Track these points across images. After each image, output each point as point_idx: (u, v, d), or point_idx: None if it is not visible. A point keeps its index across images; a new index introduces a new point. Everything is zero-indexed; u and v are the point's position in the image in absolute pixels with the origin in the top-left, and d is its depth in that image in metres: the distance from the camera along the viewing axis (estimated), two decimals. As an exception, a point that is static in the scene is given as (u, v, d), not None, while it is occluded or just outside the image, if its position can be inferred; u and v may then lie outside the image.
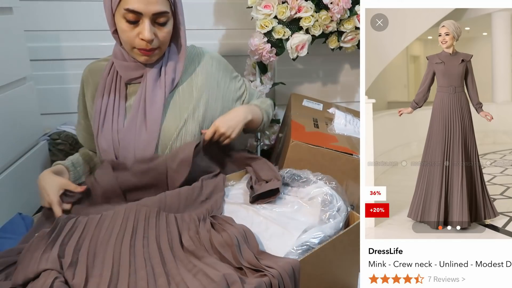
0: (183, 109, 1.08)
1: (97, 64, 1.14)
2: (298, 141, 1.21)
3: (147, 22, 0.95)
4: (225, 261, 0.76)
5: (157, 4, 0.94)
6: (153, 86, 1.05)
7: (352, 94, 1.90)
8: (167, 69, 1.06)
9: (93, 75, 1.12)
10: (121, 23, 0.97)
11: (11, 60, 1.27)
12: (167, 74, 1.06)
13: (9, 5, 1.26)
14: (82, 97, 1.16)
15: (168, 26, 1.00)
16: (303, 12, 1.40)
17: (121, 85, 1.08)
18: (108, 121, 1.06)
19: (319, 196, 0.95)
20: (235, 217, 0.94)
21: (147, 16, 0.94)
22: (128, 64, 1.05)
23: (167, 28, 0.99)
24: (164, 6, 0.96)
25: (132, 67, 1.05)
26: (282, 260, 0.76)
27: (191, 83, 1.12)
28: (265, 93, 1.58)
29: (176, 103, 1.09)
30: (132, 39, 0.98)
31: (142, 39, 0.96)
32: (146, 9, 0.93)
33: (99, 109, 1.07)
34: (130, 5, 0.93)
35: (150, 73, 1.05)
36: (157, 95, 1.05)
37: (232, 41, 1.75)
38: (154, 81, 1.05)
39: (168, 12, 0.97)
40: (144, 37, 0.95)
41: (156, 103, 1.04)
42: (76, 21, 1.59)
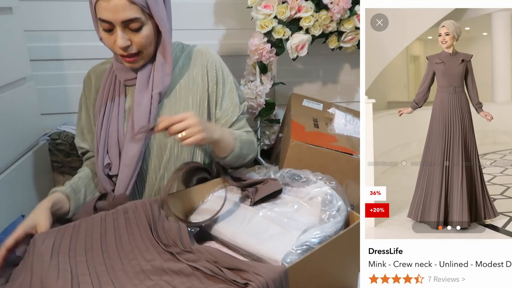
0: (178, 112, 1.05)
1: (99, 67, 1.15)
2: (298, 141, 1.21)
3: (119, 30, 0.95)
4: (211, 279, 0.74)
5: (125, 11, 0.93)
6: (140, 88, 1.04)
7: (352, 94, 1.90)
8: (156, 74, 1.05)
9: (96, 78, 1.13)
10: (100, 32, 0.98)
11: (11, 60, 1.27)
12: (156, 80, 1.04)
13: (9, 5, 1.26)
14: (83, 98, 1.17)
15: (144, 31, 0.97)
16: (303, 12, 1.40)
17: (120, 86, 1.08)
18: (106, 123, 1.07)
19: (319, 196, 0.95)
20: (235, 217, 0.94)
21: (117, 24, 0.94)
22: (122, 66, 1.06)
23: (143, 33, 0.97)
24: (134, 13, 0.94)
25: (125, 69, 1.06)
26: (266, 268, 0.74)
27: (187, 87, 1.10)
28: (265, 93, 1.58)
29: (172, 107, 1.07)
30: (111, 46, 0.99)
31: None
32: (114, 17, 0.93)
33: (99, 110, 1.08)
34: (100, 14, 0.94)
35: (139, 75, 1.05)
36: (144, 98, 1.04)
37: (232, 41, 1.75)
38: (143, 83, 1.05)
39: (139, 17, 0.95)
40: (117, 45, 0.96)
41: (142, 105, 1.03)
42: (76, 21, 1.59)
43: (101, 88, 1.09)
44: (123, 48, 0.96)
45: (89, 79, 1.15)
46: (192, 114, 0.93)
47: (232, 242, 0.88)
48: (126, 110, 1.08)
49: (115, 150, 1.05)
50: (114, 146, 1.05)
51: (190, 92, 1.09)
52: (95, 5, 0.94)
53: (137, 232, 0.86)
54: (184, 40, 1.17)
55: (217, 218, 0.95)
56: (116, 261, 0.79)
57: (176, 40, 1.14)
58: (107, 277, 0.75)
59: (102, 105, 1.08)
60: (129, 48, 0.98)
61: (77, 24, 1.59)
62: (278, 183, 1.01)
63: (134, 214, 0.89)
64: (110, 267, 0.78)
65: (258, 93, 1.55)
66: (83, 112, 1.17)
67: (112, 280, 0.74)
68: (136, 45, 0.98)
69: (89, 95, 1.14)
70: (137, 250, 0.82)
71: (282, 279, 0.72)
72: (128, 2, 0.92)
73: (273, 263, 0.79)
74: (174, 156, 1.08)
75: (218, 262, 0.76)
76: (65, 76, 1.66)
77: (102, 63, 1.17)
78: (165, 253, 0.81)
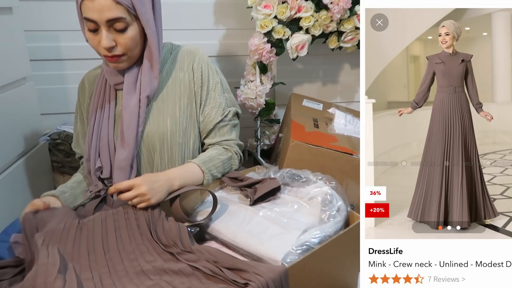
0: (166, 115, 1.06)
1: (92, 72, 1.16)
2: (298, 141, 1.21)
3: (104, 29, 0.94)
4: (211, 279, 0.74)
5: (110, 11, 0.93)
6: (128, 91, 1.04)
7: (352, 94, 1.90)
8: (143, 77, 1.04)
9: (90, 83, 1.14)
10: (85, 33, 0.98)
11: (11, 60, 1.27)
12: (143, 82, 1.04)
13: (9, 5, 1.26)
14: (78, 102, 1.17)
15: (130, 31, 0.97)
16: (303, 12, 1.40)
17: (111, 89, 1.08)
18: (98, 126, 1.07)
19: (319, 196, 0.95)
20: (234, 217, 0.94)
21: (102, 24, 0.94)
22: (111, 69, 1.05)
23: (128, 34, 0.97)
24: (119, 12, 0.94)
25: (114, 72, 1.05)
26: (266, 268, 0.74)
27: (175, 90, 1.09)
28: (265, 93, 1.58)
29: (159, 109, 1.07)
30: (96, 47, 0.98)
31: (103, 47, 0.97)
32: (99, 16, 0.93)
33: (91, 113, 1.08)
34: (85, 14, 0.94)
35: (126, 78, 1.05)
36: (131, 101, 1.04)
37: (232, 41, 1.75)
38: (131, 87, 1.04)
39: (124, 17, 0.94)
40: (102, 45, 0.95)
41: (129, 108, 1.03)
42: (76, 21, 1.57)
43: (94, 93, 1.10)
44: (108, 49, 0.96)
45: (83, 85, 1.15)
46: (141, 182, 0.92)
47: (232, 242, 0.88)
48: (116, 114, 1.07)
49: (106, 154, 1.05)
50: (105, 150, 1.05)
51: (178, 94, 1.08)
52: (81, 4, 0.94)
53: (137, 233, 0.86)
54: (184, 40, 1.17)
55: (217, 218, 0.95)
56: (118, 262, 0.79)
57: (177, 40, 1.14)
58: (109, 279, 0.75)
59: (94, 110, 1.08)
60: (114, 49, 0.97)
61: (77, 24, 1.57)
62: (276, 181, 1.01)
63: (134, 215, 0.89)
64: (112, 269, 0.78)
65: (258, 93, 1.55)
66: (78, 119, 1.17)
67: (114, 281, 0.74)
68: (121, 46, 0.97)
69: (83, 101, 1.15)
70: (138, 251, 0.82)
71: (282, 279, 0.73)
72: (113, 2, 0.92)
73: (273, 263, 0.79)
74: (165, 161, 1.07)
75: (218, 262, 0.76)
76: (65, 76, 1.66)
77: (95, 68, 1.17)
78: (165, 254, 0.81)
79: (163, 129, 1.05)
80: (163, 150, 1.06)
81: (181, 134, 1.08)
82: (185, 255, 0.80)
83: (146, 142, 1.05)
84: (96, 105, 1.08)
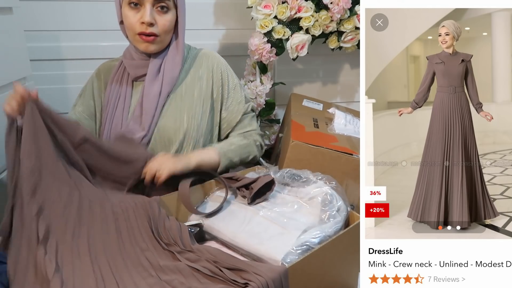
0: (183, 111, 1.12)
1: (109, 64, 1.21)
2: (298, 141, 1.21)
3: (148, 5, 1.02)
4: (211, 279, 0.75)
5: None
6: (151, 80, 1.10)
7: (352, 94, 1.90)
8: (166, 65, 1.11)
9: (105, 72, 1.19)
10: (126, 10, 1.05)
11: (11, 60, 1.27)
12: (166, 70, 1.11)
13: (9, 5, 1.26)
14: (90, 86, 1.20)
15: (169, 15, 1.05)
16: (303, 12, 1.40)
17: (128, 82, 1.13)
18: (111, 116, 1.12)
19: (319, 196, 0.95)
20: (234, 217, 0.94)
21: (148, 1, 1.02)
22: (135, 62, 1.12)
23: (167, 17, 1.05)
24: None
25: (138, 65, 1.12)
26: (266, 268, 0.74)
27: (192, 87, 1.15)
28: (265, 93, 1.58)
29: (177, 103, 1.12)
30: (134, 24, 1.04)
31: (143, 23, 1.03)
32: None
33: (107, 104, 1.13)
34: None
35: (150, 68, 1.11)
36: (153, 90, 1.10)
37: (232, 41, 1.74)
38: (153, 75, 1.11)
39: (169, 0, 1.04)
40: (144, 20, 1.02)
41: (150, 96, 1.09)
42: (76, 21, 1.59)
43: (109, 83, 1.15)
44: (148, 24, 1.03)
45: (99, 73, 1.20)
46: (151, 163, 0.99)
47: (232, 242, 0.88)
48: (131, 105, 1.13)
49: None
50: None
51: (195, 91, 1.14)
52: None
53: (137, 232, 0.86)
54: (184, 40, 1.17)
55: (217, 218, 0.95)
56: (119, 262, 0.79)
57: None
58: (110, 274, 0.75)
59: (110, 100, 1.13)
60: (153, 27, 1.04)
61: (77, 24, 1.59)
62: (269, 176, 1.01)
63: (134, 214, 0.90)
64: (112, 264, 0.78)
65: (258, 93, 1.55)
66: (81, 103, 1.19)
67: (117, 280, 0.74)
68: (159, 26, 1.05)
69: (99, 86, 1.19)
70: (139, 249, 0.82)
71: (282, 279, 0.73)
72: None
73: (273, 263, 0.79)
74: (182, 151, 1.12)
75: (218, 262, 0.76)
76: (65, 76, 1.66)
77: (112, 60, 1.22)
78: (166, 253, 0.81)
79: (179, 124, 1.11)
80: (177, 145, 1.11)
81: (196, 131, 1.13)
82: (186, 254, 0.80)
83: (162, 135, 1.10)
84: (112, 95, 1.13)
